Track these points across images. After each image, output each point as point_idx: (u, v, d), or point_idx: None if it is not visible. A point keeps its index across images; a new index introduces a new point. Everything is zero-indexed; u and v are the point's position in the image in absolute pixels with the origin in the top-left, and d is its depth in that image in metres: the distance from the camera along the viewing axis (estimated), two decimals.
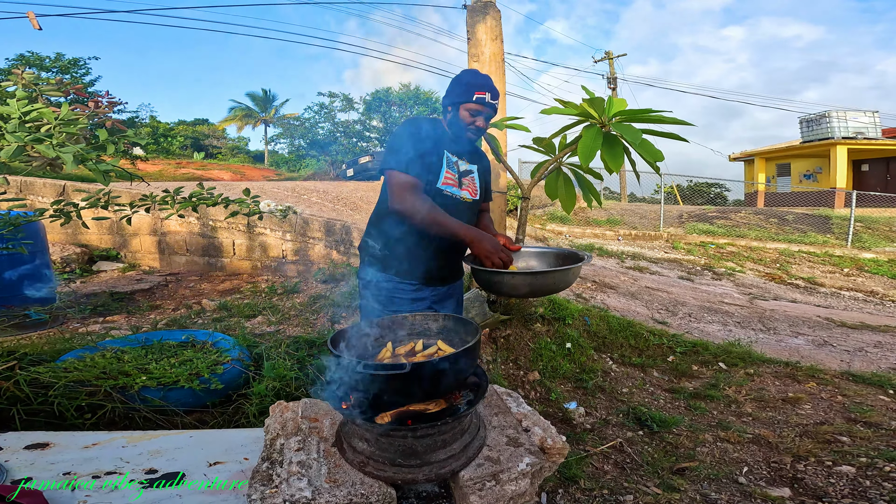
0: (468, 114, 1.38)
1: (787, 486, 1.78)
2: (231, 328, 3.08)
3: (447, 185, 1.40)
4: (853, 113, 14.68)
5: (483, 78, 1.40)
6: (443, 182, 1.39)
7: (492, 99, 1.38)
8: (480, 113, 1.38)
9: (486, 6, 3.11)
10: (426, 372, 0.85)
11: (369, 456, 0.87)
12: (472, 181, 1.48)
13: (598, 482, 1.79)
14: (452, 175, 1.41)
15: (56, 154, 1.03)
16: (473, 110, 1.37)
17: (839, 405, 2.53)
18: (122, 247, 5.53)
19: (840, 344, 3.82)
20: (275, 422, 1.03)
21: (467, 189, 1.46)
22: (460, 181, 1.44)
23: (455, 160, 1.43)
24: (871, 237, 9.74)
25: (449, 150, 1.42)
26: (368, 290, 1.45)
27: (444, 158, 1.39)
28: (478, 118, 1.38)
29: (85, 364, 1.85)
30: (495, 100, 1.39)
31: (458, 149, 1.46)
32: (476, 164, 1.53)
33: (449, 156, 1.41)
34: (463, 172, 1.46)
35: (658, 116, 1.93)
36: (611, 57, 17.59)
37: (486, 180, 1.60)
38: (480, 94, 1.36)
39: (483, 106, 1.37)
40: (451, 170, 1.41)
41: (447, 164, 1.40)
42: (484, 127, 1.40)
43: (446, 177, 1.40)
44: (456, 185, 1.42)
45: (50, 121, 1.08)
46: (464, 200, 1.45)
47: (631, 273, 6.41)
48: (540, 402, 2.49)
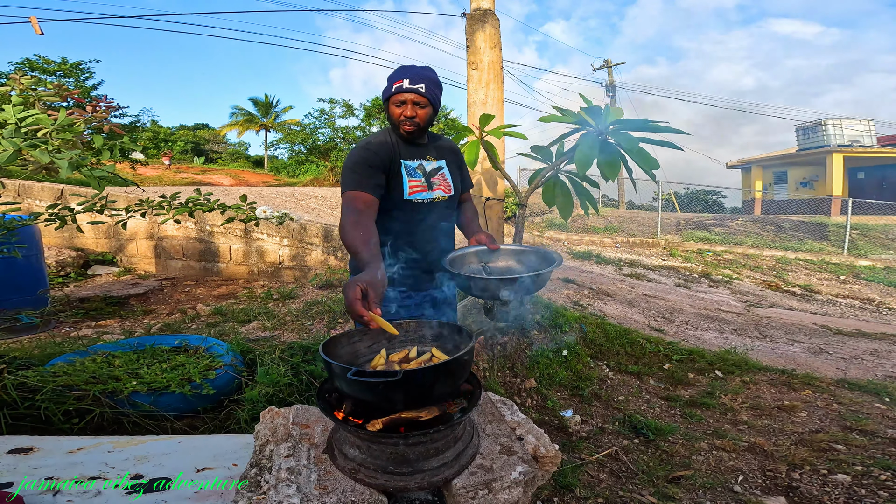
0: (395, 107, 1.34)
1: (783, 494, 1.77)
2: (225, 333, 3.07)
3: (416, 194, 1.37)
4: (849, 121, 14.85)
5: (403, 68, 1.35)
6: (409, 192, 1.36)
7: (412, 83, 1.30)
8: (405, 101, 1.33)
9: (484, 14, 3.15)
10: (419, 379, 0.85)
11: (361, 463, 0.87)
12: (443, 177, 1.44)
13: (594, 491, 1.78)
14: (418, 181, 1.38)
15: (51, 160, 1.03)
16: (398, 101, 1.33)
17: (835, 413, 2.53)
18: (118, 251, 5.51)
19: (836, 351, 3.83)
20: (265, 428, 1.03)
21: (440, 187, 1.42)
22: (429, 182, 1.40)
23: (416, 164, 1.40)
24: (867, 244, 9.80)
25: (406, 157, 1.38)
26: None
27: (402, 169, 1.36)
28: (404, 107, 1.33)
29: (74, 368, 1.84)
30: (418, 83, 1.31)
31: (416, 151, 1.41)
32: (444, 157, 1.48)
33: (407, 164, 1.38)
34: (430, 172, 1.42)
35: (654, 125, 1.95)
36: (610, 65, 17.76)
37: (462, 169, 1.55)
38: (398, 83, 1.31)
39: (403, 93, 1.31)
40: (415, 176, 1.38)
41: (407, 174, 1.37)
42: (414, 114, 1.33)
43: (411, 186, 1.37)
44: (426, 189, 1.39)
45: (46, 126, 1.08)
46: (438, 201, 1.42)
47: (628, 280, 6.42)
48: (536, 409, 2.48)
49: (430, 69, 1.39)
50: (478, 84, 3.12)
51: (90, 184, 1.12)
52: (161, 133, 22.16)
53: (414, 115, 1.33)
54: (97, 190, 1.19)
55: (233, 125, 25.13)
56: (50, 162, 1.08)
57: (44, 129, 1.15)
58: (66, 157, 1.09)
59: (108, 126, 1.43)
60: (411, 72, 1.34)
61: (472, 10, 3.19)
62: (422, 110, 1.34)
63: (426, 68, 1.38)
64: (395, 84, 1.33)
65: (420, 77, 1.33)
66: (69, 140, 1.15)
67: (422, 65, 1.40)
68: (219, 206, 1.82)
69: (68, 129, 1.13)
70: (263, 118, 24.70)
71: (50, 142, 1.09)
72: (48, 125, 1.14)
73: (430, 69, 1.39)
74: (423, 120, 1.36)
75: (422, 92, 1.31)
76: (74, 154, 1.11)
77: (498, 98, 3.14)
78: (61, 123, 1.13)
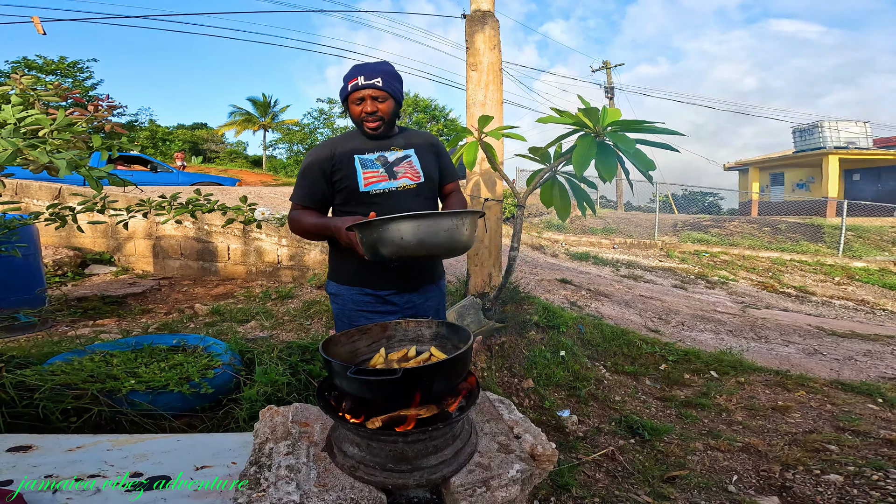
0: (354, 106, 1.33)
1: (776, 494, 1.79)
2: (224, 333, 3.07)
3: (372, 185, 1.34)
4: (845, 123, 14.94)
5: (356, 66, 1.34)
6: (365, 184, 1.34)
7: (367, 79, 1.29)
8: (363, 98, 1.31)
9: (484, 16, 3.16)
10: (418, 377, 0.86)
11: (360, 461, 0.88)
12: (410, 164, 1.39)
13: (590, 490, 1.80)
14: (375, 172, 1.35)
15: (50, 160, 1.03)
16: (356, 99, 1.32)
17: (828, 414, 2.55)
18: (115, 250, 5.50)
19: (830, 353, 3.86)
20: (264, 426, 1.03)
21: (405, 175, 1.37)
22: (391, 172, 1.36)
23: (375, 157, 1.37)
24: (862, 246, 9.87)
25: (362, 151, 1.37)
26: (335, 303, 1.44)
27: (354, 163, 1.35)
28: (363, 104, 1.32)
29: (72, 367, 1.84)
30: (372, 78, 1.29)
31: (377, 144, 1.39)
32: (414, 146, 1.43)
33: (362, 157, 1.36)
34: (394, 161, 1.38)
35: (651, 126, 1.96)
36: (608, 66, 17.82)
37: (440, 158, 1.49)
38: (353, 81, 1.30)
39: (360, 90, 1.30)
40: (372, 168, 1.36)
41: (362, 166, 1.35)
42: (374, 109, 1.32)
43: (366, 177, 1.34)
44: (386, 179, 1.35)
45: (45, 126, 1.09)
46: (404, 188, 1.37)
47: (625, 281, 6.45)
48: (534, 409, 2.49)
49: (386, 62, 1.37)
50: (477, 85, 3.13)
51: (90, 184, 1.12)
52: (159, 132, 22.09)
53: (375, 109, 1.32)
54: (96, 190, 1.20)
55: (231, 125, 25.07)
56: (49, 162, 1.08)
57: (43, 129, 1.16)
58: (65, 157, 1.10)
59: (110, 125, 1.43)
60: (365, 68, 1.32)
61: (471, 12, 3.21)
62: (382, 104, 1.32)
63: (381, 62, 1.36)
64: (349, 83, 1.31)
65: (375, 71, 1.31)
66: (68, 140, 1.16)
67: (376, 60, 1.37)
68: (219, 207, 1.82)
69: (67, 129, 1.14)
70: (262, 118, 24.65)
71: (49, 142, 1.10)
72: (47, 125, 1.15)
73: (385, 63, 1.37)
74: (385, 114, 1.33)
75: (379, 86, 1.29)
76: (73, 154, 1.12)
77: (497, 99, 3.16)
78: (60, 123, 1.14)
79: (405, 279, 1.40)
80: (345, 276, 1.42)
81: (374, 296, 1.39)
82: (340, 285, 1.42)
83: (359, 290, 1.39)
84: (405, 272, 1.38)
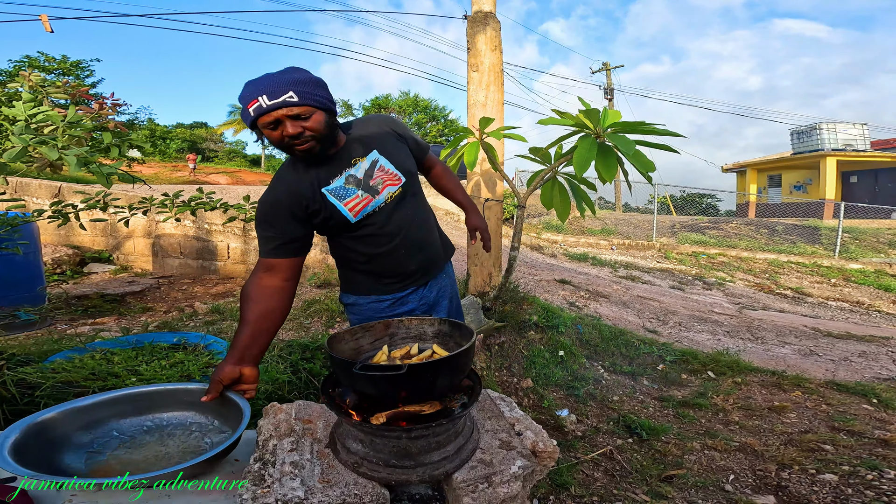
0: (270, 132, 1.04)
1: (772, 493, 1.81)
2: (223, 331, 3.07)
3: (363, 211, 1.18)
4: (843, 125, 15.01)
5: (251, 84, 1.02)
6: (353, 214, 1.17)
7: (272, 97, 0.99)
8: (278, 121, 1.02)
9: (486, 17, 3.18)
10: (422, 374, 0.87)
11: (363, 457, 0.89)
12: (384, 169, 1.20)
13: (589, 489, 1.81)
14: (355, 198, 1.17)
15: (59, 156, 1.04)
16: (267, 124, 1.03)
17: (823, 414, 2.58)
18: (115, 249, 5.49)
19: (826, 353, 3.89)
20: (268, 423, 1.05)
21: (387, 183, 1.20)
22: (370, 188, 1.18)
23: (344, 178, 1.16)
24: (859, 248, 9.92)
25: (327, 181, 1.15)
26: (353, 312, 1.39)
27: (328, 198, 1.15)
28: (282, 127, 1.03)
29: (73, 365, 1.84)
30: (280, 94, 0.99)
31: (335, 165, 1.17)
32: (374, 146, 1.21)
33: (330, 189, 1.15)
34: (366, 175, 1.18)
35: (651, 128, 1.98)
36: (608, 68, 17.87)
37: (405, 139, 1.30)
38: (253, 104, 1.00)
39: (268, 113, 1.01)
40: (349, 195, 1.17)
41: (338, 199, 1.16)
42: (299, 130, 1.03)
43: (351, 207, 1.17)
44: (371, 199, 1.19)
45: (56, 123, 1.10)
46: (392, 198, 1.22)
47: (623, 282, 6.47)
48: (532, 409, 2.51)
49: (292, 69, 1.06)
50: (478, 86, 3.15)
51: (98, 181, 1.13)
52: (158, 131, 22.05)
53: (299, 131, 1.03)
54: (105, 187, 1.21)
55: (230, 123, 25.02)
56: (58, 158, 1.09)
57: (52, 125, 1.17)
58: (74, 154, 1.11)
59: (114, 123, 1.44)
60: (265, 85, 1.01)
61: (473, 13, 3.22)
62: (309, 122, 1.04)
63: (287, 71, 1.05)
64: (249, 106, 1.01)
65: (280, 85, 1.00)
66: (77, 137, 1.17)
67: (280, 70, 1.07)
68: (221, 206, 1.83)
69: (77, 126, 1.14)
70: None
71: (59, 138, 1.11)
72: (58, 122, 1.15)
73: (292, 70, 1.06)
74: (318, 131, 1.06)
75: (294, 102, 1.00)
76: (83, 151, 1.13)
77: (498, 100, 3.17)
78: (70, 120, 1.15)
79: (411, 276, 1.32)
80: (357, 287, 1.35)
81: (389, 300, 1.34)
82: (356, 296, 1.36)
83: (374, 299, 1.34)
84: (411, 270, 1.31)
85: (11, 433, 0.96)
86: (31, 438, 0.98)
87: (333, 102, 1.10)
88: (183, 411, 1.13)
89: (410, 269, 1.31)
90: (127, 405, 1.13)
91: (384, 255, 1.26)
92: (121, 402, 1.13)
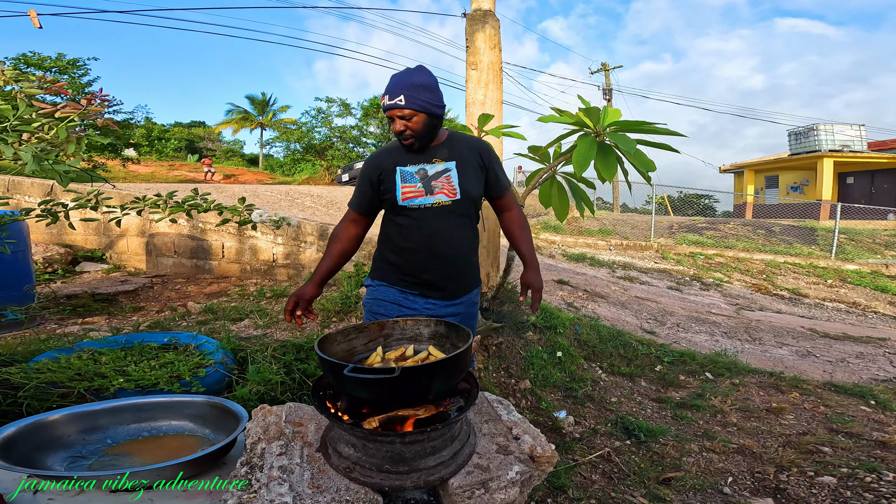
0: (391, 122, 1.31)
1: (770, 496, 1.79)
2: (216, 331, 3.03)
3: (409, 200, 1.34)
4: (840, 126, 15.08)
5: (391, 80, 1.30)
6: (403, 198, 1.34)
7: (391, 98, 1.27)
8: (392, 118, 1.30)
9: (485, 15, 3.15)
10: (416, 377, 0.84)
11: (356, 462, 0.86)
12: (448, 180, 1.35)
13: (586, 492, 1.79)
14: (413, 187, 1.34)
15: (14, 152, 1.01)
16: (389, 117, 1.31)
17: (821, 416, 2.57)
18: (107, 248, 5.43)
19: (823, 355, 3.88)
20: (256, 426, 1.02)
21: (442, 191, 1.35)
22: (429, 186, 1.34)
23: (416, 169, 1.35)
24: (855, 249, 9.96)
25: (405, 163, 1.36)
26: (368, 294, 1.49)
27: (396, 176, 1.35)
28: (394, 124, 1.30)
29: (59, 365, 1.80)
30: (396, 96, 1.26)
31: (420, 156, 1.36)
32: (457, 158, 1.38)
33: (404, 170, 1.35)
34: (433, 175, 1.35)
35: (651, 127, 1.96)
36: (607, 68, 17.89)
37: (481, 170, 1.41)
38: (384, 99, 1.30)
39: (388, 110, 1.29)
40: (411, 182, 1.35)
41: (402, 180, 1.35)
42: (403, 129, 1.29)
43: (404, 192, 1.34)
44: (423, 195, 1.34)
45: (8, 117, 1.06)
46: (439, 206, 1.35)
47: (621, 283, 6.47)
48: (530, 410, 2.49)
49: (413, 71, 1.31)
50: (477, 84, 3.12)
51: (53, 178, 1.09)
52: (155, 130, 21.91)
53: (403, 129, 1.30)
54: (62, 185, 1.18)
55: (228, 122, 24.90)
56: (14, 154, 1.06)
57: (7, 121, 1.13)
58: (29, 150, 1.07)
59: (102, 121, 1.41)
60: (390, 85, 1.29)
61: (472, 11, 3.20)
62: (412, 122, 1.29)
63: (407, 73, 1.30)
64: (383, 99, 1.31)
65: (398, 88, 1.27)
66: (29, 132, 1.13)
67: (406, 69, 1.32)
68: (215, 207, 1.80)
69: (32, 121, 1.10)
70: (260, 116, 24.49)
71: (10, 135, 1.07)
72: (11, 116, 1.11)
73: (410, 72, 1.31)
74: (417, 131, 1.30)
75: (402, 105, 1.26)
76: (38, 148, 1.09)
77: (497, 98, 3.15)
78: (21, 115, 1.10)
79: (425, 284, 1.41)
80: (380, 273, 1.48)
81: (401, 293, 1.42)
82: (377, 281, 1.48)
83: (387, 285, 1.45)
84: (425, 278, 1.40)
85: (6, 429, 0.96)
86: (24, 437, 0.98)
87: (439, 105, 1.32)
88: (182, 422, 1.15)
89: (424, 278, 1.39)
90: (129, 414, 1.14)
91: (409, 251, 1.38)
92: (124, 410, 1.14)
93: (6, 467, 0.83)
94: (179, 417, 1.15)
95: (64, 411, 1.07)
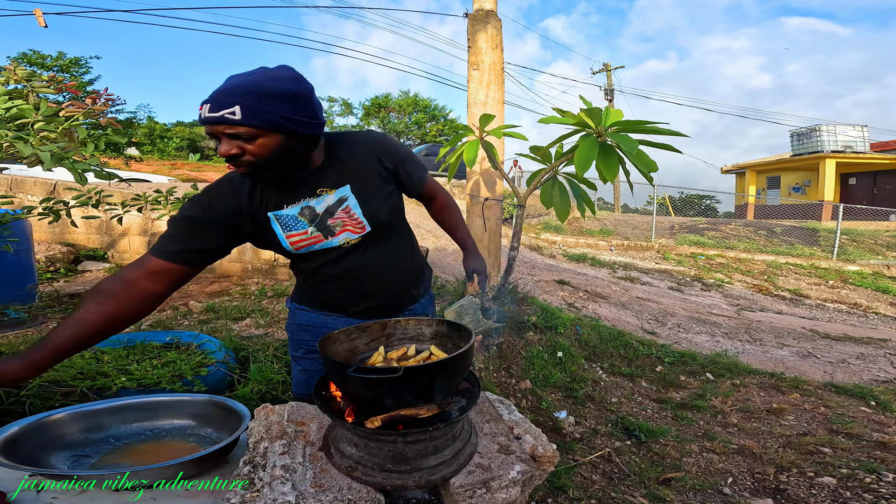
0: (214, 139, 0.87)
1: (770, 496, 1.80)
2: (218, 331, 3.04)
3: (307, 248, 1.04)
4: (843, 127, 15.05)
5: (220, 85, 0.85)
6: (294, 247, 1.03)
7: (213, 109, 0.82)
8: (214, 135, 0.86)
9: (487, 15, 3.16)
10: (419, 376, 0.85)
11: (358, 461, 0.87)
12: (349, 212, 1.03)
13: (587, 492, 1.80)
14: (302, 234, 1.02)
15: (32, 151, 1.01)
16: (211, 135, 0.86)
17: (822, 416, 2.57)
18: (109, 247, 5.45)
19: (824, 355, 3.88)
20: (259, 425, 1.02)
21: (346, 228, 1.04)
22: (325, 227, 1.02)
23: (297, 210, 1.00)
24: (857, 250, 9.95)
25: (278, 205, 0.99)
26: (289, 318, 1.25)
27: (272, 224, 1.00)
28: (219, 145, 0.86)
29: (62, 364, 1.81)
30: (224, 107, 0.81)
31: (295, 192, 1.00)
32: (349, 179, 1.02)
33: (279, 214, 1.00)
34: (326, 212, 1.02)
35: (653, 127, 1.96)
36: (608, 69, 17.87)
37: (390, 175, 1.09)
38: (200, 109, 0.84)
39: (207, 125, 0.84)
40: (297, 228, 1.01)
41: (282, 227, 1.01)
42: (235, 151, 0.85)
43: (292, 241, 1.02)
44: (321, 239, 1.03)
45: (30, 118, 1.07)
46: (347, 244, 1.05)
47: (622, 283, 6.47)
48: (531, 410, 2.49)
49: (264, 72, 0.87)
50: (479, 84, 3.13)
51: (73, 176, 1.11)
52: (157, 129, 21.95)
53: (238, 152, 0.85)
54: (80, 183, 1.18)
55: None
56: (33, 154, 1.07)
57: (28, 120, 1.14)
58: (49, 149, 1.08)
59: (106, 119, 1.41)
60: (220, 90, 0.83)
61: (474, 11, 3.20)
62: (254, 145, 0.85)
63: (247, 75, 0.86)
64: (200, 109, 0.84)
65: (228, 94, 0.82)
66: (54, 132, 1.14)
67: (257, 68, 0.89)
68: None
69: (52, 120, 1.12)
70: None
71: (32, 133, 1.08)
72: (31, 116, 1.13)
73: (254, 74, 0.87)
74: (260, 156, 0.86)
75: (234, 120, 0.81)
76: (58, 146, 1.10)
77: (498, 99, 3.15)
78: (44, 113, 1.11)
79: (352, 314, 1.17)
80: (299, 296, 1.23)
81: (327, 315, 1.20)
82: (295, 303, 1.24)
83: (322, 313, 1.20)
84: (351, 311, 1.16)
85: (9, 428, 0.96)
86: (27, 436, 0.99)
87: (304, 121, 0.88)
88: (184, 421, 1.15)
89: (350, 311, 1.17)
90: (131, 413, 1.14)
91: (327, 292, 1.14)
92: (127, 409, 1.14)
93: (7, 465, 0.84)
94: (182, 416, 1.16)
95: (67, 410, 1.08)
